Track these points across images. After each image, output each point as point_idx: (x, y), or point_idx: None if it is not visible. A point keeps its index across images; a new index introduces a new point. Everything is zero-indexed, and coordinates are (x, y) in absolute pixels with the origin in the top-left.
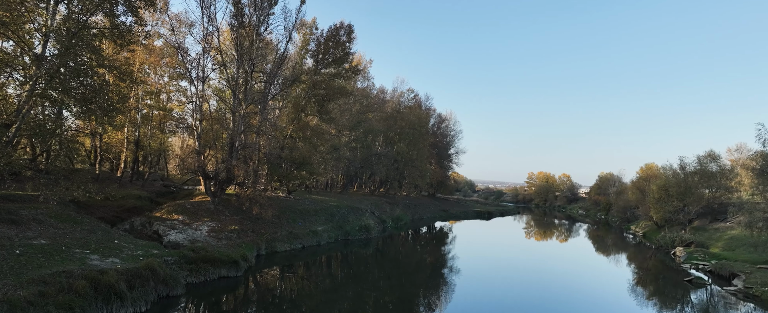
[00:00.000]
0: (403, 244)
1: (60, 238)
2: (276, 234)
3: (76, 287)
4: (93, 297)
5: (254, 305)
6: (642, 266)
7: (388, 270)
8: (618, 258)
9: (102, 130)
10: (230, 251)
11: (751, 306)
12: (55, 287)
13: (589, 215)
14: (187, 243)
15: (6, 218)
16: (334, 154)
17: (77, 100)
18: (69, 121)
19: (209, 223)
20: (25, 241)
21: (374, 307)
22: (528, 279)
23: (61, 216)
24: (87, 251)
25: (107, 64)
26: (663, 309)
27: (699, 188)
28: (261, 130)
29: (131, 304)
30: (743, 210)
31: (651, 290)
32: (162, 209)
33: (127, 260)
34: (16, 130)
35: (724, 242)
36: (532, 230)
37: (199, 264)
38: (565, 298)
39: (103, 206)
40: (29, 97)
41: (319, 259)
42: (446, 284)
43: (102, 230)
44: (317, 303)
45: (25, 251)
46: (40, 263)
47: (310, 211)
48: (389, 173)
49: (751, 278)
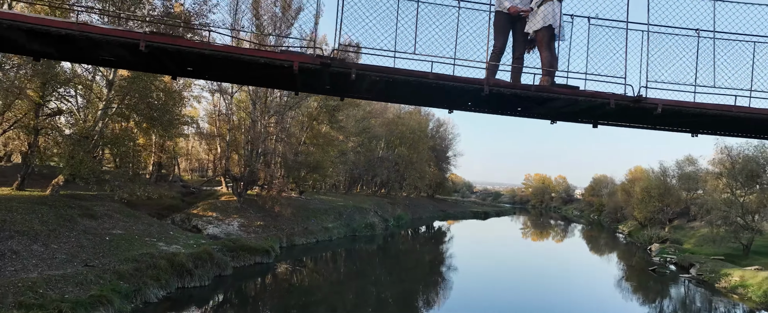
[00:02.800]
0: (406, 240)
1: (129, 229)
2: (294, 230)
3: (158, 264)
4: (170, 272)
5: (288, 283)
6: (618, 259)
7: (395, 261)
8: (600, 253)
9: (161, 142)
10: (261, 242)
11: (696, 287)
12: (145, 264)
13: (583, 215)
14: (223, 236)
15: (86, 213)
16: (342, 158)
17: (144, 118)
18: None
19: (238, 219)
20: (107, 231)
21: (392, 285)
22: (514, 270)
23: (124, 212)
24: (154, 239)
25: (162, 88)
26: (627, 292)
27: (678, 190)
28: (280, 137)
29: (198, 279)
30: (702, 209)
31: (620, 278)
32: (197, 207)
33: (186, 247)
34: (94, 141)
35: (696, 238)
36: (524, 230)
37: (238, 252)
38: (541, 285)
39: (145, 205)
40: (104, 115)
41: (332, 252)
42: (445, 273)
43: (156, 223)
44: (340, 282)
45: (112, 238)
46: (126, 247)
47: (321, 210)
48: (390, 175)
49: (703, 267)
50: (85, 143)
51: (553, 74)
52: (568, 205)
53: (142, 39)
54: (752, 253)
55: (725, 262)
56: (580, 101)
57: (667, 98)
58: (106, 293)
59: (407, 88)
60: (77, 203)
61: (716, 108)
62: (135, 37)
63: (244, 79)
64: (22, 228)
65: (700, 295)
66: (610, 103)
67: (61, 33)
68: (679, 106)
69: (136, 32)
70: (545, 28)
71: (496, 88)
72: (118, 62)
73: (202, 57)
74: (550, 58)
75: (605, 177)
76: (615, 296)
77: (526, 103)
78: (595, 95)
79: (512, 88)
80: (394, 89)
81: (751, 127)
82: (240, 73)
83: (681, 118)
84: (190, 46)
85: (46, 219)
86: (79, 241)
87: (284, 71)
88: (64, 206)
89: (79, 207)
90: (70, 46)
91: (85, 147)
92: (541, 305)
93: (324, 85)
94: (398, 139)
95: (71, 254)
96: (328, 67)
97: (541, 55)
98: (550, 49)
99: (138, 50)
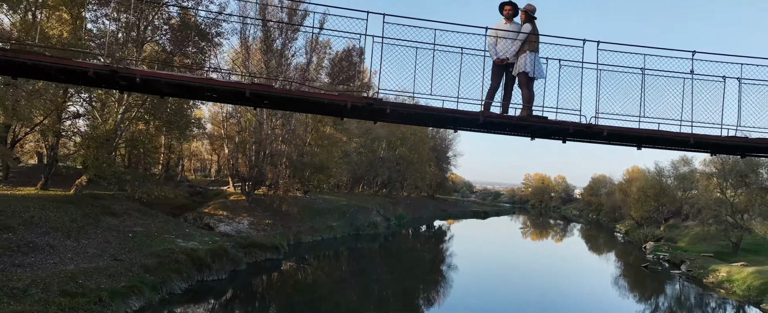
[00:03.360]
0: (408, 239)
1: (148, 226)
2: (300, 228)
3: (179, 259)
4: (191, 266)
5: (298, 278)
6: (613, 257)
7: (397, 259)
8: (597, 251)
9: (177, 143)
10: (270, 239)
11: (685, 283)
12: (167, 259)
13: (582, 215)
14: (235, 233)
15: (108, 212)
16: (345, 158)
17: (163, 121)
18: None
19: (248, 218)
20: (129, 228)
21: (395, 281)
22: (512, 268)
23: (141, 211)
24: (172, 236)
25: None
26: (618, 288)
27: (673, 190)
28: (285, 138)
29: (215, 273)
30: (693, 208)
31: (613, 275)
32: (208, 206)
33: (202, 244)
34: (116, 143)
35: (690, 237)
36: (523, 229)
37: (250, 248)
38: (538, 281)
39: (158, 204)
40: (124, 119)
41: (338, 249)
42: (446, 271)
43: (172, 221)
44: (347, 278)
45: (134, 235)
46: (148, 243)
47: (325, 209)
48: (392, 175)
49: (693, 264)
50: (108, 145)
51: (531, 107)
52: (568, 205)
53: (248, 88)
54: (741, 250)
55: (715, 259)
56: (549, 127)
57: (611, 125)
58: (136, 284)
59: (424, 117)
60: (99, 202)
61: (643, 132)
62: (241, 87)
63: (306, 110)
64: (55, 225)
65: (688, 289)
66: (570, 129)
67: (194, 85)
68: (618, 130)
69: (243, 83)
70: (522, 72)
71: (488, 118)
72: (220, 98)
73: (285, 98)
74: (528, 95)
75: (604, 177)
76: (607, 290)
77: (511, 128)
78: (558, 123)
79: (500, 118)
80: (415, 118)
81: (674, 143)
82: (305, 107)
83: (623, 138)
84: (281, 93)
85: (74, 217)
86: (105, 237)
87: (339, 106)
88: (88, 204)
89: (101, 206)
90: (193, 91)
91: (108, 149)
92: (538, 300)
93: (364, 114)
94: (399, 139)
95: (100, 249)
96: (371, 105)
97: (522, 92)
98: (529, 88)
99: (242, 94)
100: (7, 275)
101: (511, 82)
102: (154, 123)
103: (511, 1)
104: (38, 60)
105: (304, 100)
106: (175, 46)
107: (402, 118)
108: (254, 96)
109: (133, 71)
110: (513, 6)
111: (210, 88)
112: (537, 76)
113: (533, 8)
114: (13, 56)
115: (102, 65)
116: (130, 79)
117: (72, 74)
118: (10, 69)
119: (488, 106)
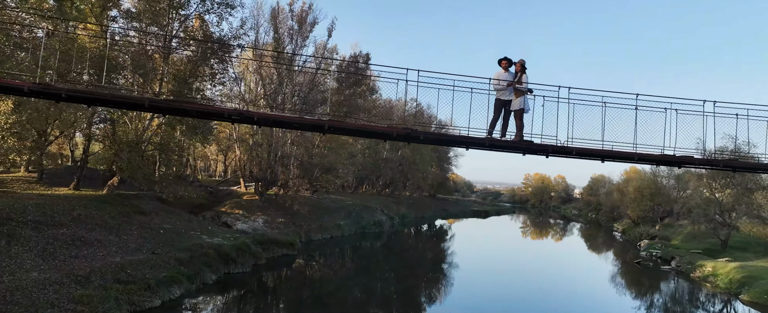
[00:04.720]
0: (411, 237)
1: (175, 224)
2: (310, 226)
3: (207, 253)
4: (218, 260)
5: (313, 272)
6: (609, 255)
7: (401, 256)
8: (594, 249)
9: (191, 146)
10: (285, 237)
11: (674, 277)
12: (197, 253)
13: (582, 214)
14: (251, 231)
15: (137, 210)
16: (351, 159)
17: (188, 127)
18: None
19: (262, 216)
20: (159, 225)
21: (400, 277)
22: (512, 264)
23: (166, 210)
24: (198, 232)
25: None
26: (611, 282)
27: (668, 190)
28: (295, 141)
29: (240, 266)
30: (684, 208)
31: (607, 270)
32: (225, 205)
33: (225, 240)
34: (145, 147)
35: (683, 235)
36: (523, 228)
37: (267, 245)
38: (536, 277)
39: (179, 203)
40: (153, 125)
41: (346, 246)
42: (448, 268)
43: (195, 220)
44: (356, 273)
45: (165, 231)
46: (177, 239)
47: (332, 208)
48: (394, 175)
49: (682, 260)
50: (138, 149)
51: (522, 134)
52: (567, 204)
53: (327, 123)
54: (729, 247)
55: (703, 255)
56: (534, 148)
57: (578, 146)
58: (175, 274)
59: (446, 140)
60: (128, 201)
61: (602, 151)
62: (321, 123)
63: (357, 135)
64: (98, 222)
65: (675, 283)
66: (550, 149)
67: (287, 121)
68: (584, 150)
69: (323, 120)
70: (518, 109)
71: (491, 142)
72: (301, 127)
73: (349, 129)
74: (521, 124)
75: (603, 177)
76: (601, 284)
77: (508, 148)
78: (541, 145)
79: (500, 142)
80: (439, 140)
81: (624, 157)
82: (358, 134)
83: (588, 155)
84: (348, 126)
85: (113, 214)
86: (141, 233)
87: (386, 134)
88: (120, 204)
89: (131, 205)
90: (287, 125)
91: (139, 152)
92: (535, 295)
93: (403, 138)
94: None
95: (138, 243)
96: (409, 133)
97: (516, 123)
98: (521, 119)
99: (322, 127)
100: (69, 265)
101: (508, 115)
102: (180, 129)
103: (506, 57)
104: (192, 107)
105: (362, 130)
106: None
107: (429, 141)
108: (332, 129)
109: (251, 113)
110: (508, 61)
111: (300, 125)
112: (526, 110)
113: (523, 61)
114: (177, 105)
115: (232, 109)
116: (249, 118)
117: (211, 115)
118: (174, 111)
119: (491, 132)
